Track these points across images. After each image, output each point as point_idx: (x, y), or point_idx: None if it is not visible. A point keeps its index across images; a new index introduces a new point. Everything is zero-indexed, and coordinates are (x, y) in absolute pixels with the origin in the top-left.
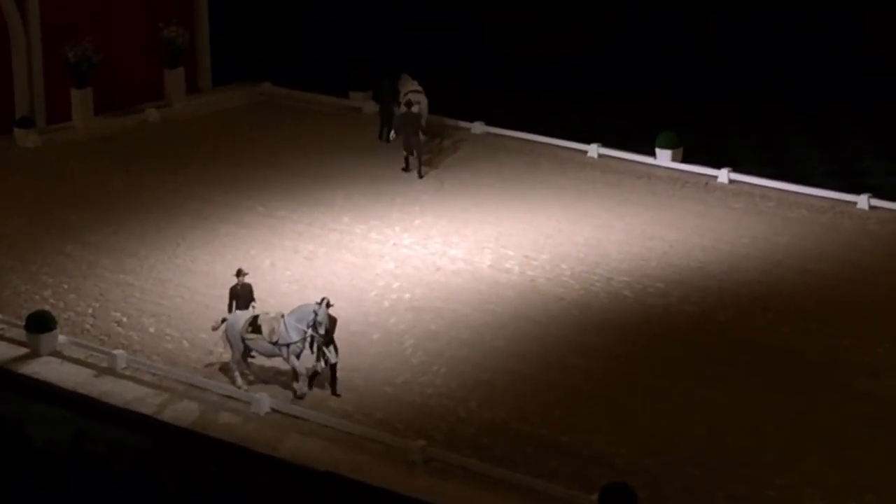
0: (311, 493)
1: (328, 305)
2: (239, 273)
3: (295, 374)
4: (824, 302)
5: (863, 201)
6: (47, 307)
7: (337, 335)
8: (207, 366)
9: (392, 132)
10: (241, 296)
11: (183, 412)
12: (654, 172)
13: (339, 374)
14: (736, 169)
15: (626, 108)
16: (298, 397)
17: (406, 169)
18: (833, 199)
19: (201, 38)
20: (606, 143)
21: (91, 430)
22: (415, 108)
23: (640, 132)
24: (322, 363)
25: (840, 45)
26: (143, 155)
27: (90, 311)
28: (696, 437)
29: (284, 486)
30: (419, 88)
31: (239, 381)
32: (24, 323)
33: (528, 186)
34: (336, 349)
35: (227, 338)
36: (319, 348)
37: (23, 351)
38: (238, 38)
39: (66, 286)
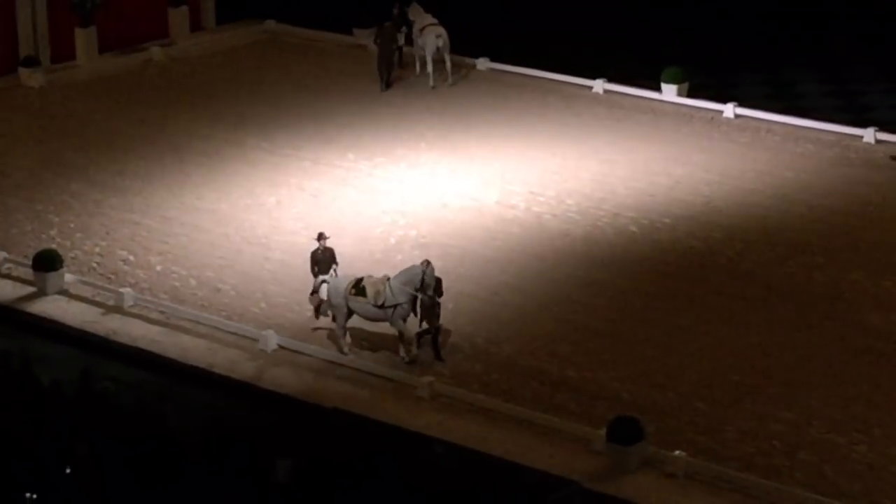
0: (319, 429)
1: (430, 266)
2: (320, 237)
3: (401, 338)
4: (830, 236)
5: (869, 135)
6: (54, 246)
7: (341, 271)
8: (314, 329)
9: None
10: (323, 260)
11: (190, 350)
12: (659, 108)
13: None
14: (741, 104)
15: (631, 43)
16: (408, 362)
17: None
18: (839, 132)
19: None
20: (612, 79)
21: (98, 368)
22: (440, 42)
23: (645, 68)
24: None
25: None
26: (148, 94)
27: (97, 249)
28: (702, 372)
29: (291, 423)
30: (436, 21)
31: (345, 345)
32: (30, 262)
33: (533, 123)
34: (440, 312)
35: (331, 301)
36: (425, 310)
37: (30, 290)
38: None
39: (72, 225)
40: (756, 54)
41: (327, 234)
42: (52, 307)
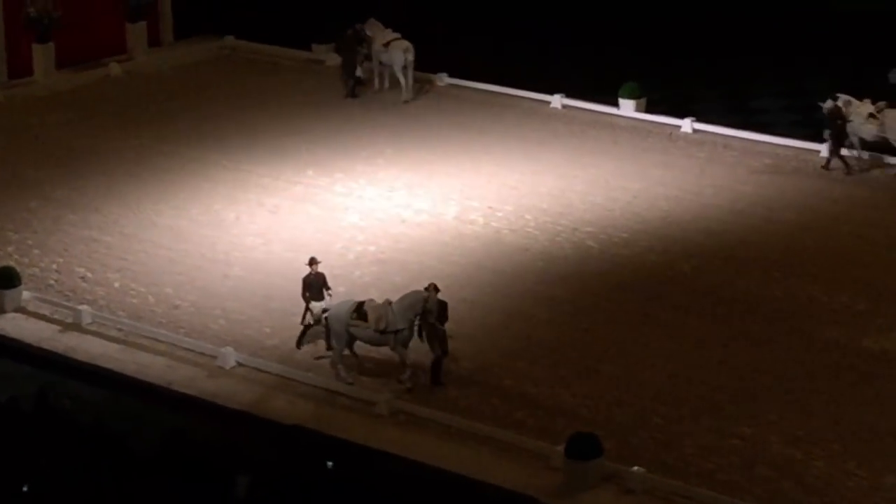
0: (278, 446)
1: (436, 290)
2: (312, 262)
3: (403, 364)
4: (788, 251)
5: (825, 150)
6: (12, 263)
7: (300, 289)
8: (317, 358)
9: (354, 86)
10: (315, 284)
11: (148, 367)
12: (617, 123)
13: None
14: (699, 119)
15: (589, 58)
16: (407, 389)
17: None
18: (796, 147)
19: None
20: (570, 94)
21: (56, 386)
22: (409, 56)
23: (603, 83)
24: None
25: None
26: (106, 110)
27: (55, 266)
28: (661, 388)
29: (251, 440)
30: (399, 36)
31: (345, 373)
32: None
33: (491, 138)
34: (446, 337)
35: (331, 328)
36: (431, 337)
37: None
38: None
39: (30, 242)
40: (714, 69)
41: (319, 259)
42: (10, 325)
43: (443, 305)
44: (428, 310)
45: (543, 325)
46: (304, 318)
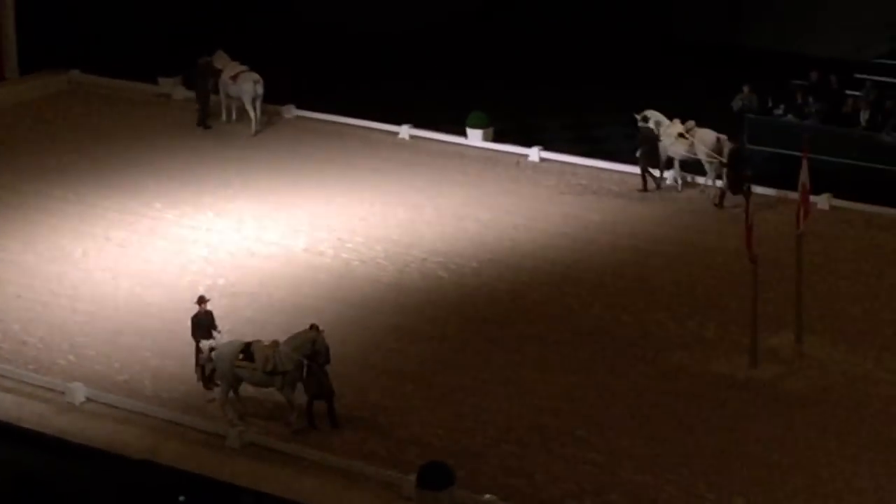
0: (129, 481)
1: (319, 331)
2: (201, 300)
3: (290, 406)
4: (635, 277)
5: (670, 177)
6: None
7: (151, 324)
8: (209, 401)
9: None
10: (203, 323)
11: None
12: (465, 152)
13: (157, 362)
14: (546, 147)
15: (436, 88)
16: (294, 431)
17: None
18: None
19: (6, 25)
20: (417, 125)
21: None
22: (259, 88)
23: (451, 113)
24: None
25: (646, 22)
26: None
27: None
28: (512, 416)
29: (101, 475)
30: (247, 68)
31: (231, 415)
32: None
33: (340, 169)
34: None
35: (216, 369)
36: (311, 378)
37: None
38: (45, 24)
39: None
40: (559, 98)
41: (207, 297)
42: None
43: (326, 348)
44: (317, 351)
45: (394, 355)
46: (196, 358)
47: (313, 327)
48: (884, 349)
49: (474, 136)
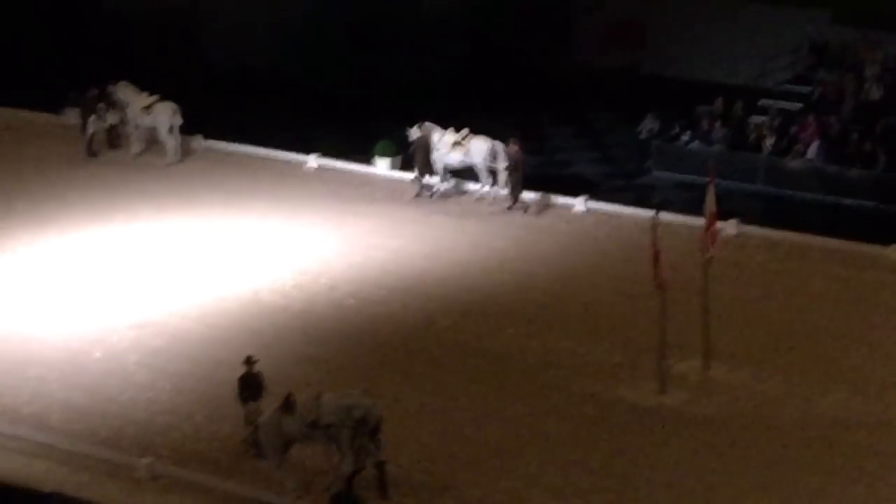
0: None
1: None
2: (248, 361)
3: (331, 466)
4: (544, 305)
5: (579, 203)
6: None
7: (56, 355)
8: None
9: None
10: (252, 384)
11: None
12: (373, 181)
13: (68, 393)
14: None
15: (344, 117)
16: (333, 495)
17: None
18: (553, 202)
19: None
20: (325, 154)
21: None
22: (177, 119)
23: (358, 141)
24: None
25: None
26: None
27: None
28: (421, 443)
29: None
30: (159, 98)
31: (291, 481)
32: None
33: (248, 200)
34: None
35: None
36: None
37: None
38: None
39: None
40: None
41: (256, 358)
42: None
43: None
44: (365, 419)
45: (302, 383)
46: (246, 420)
47: (367, 392)
48: (790, 373)
49: (382, 165)
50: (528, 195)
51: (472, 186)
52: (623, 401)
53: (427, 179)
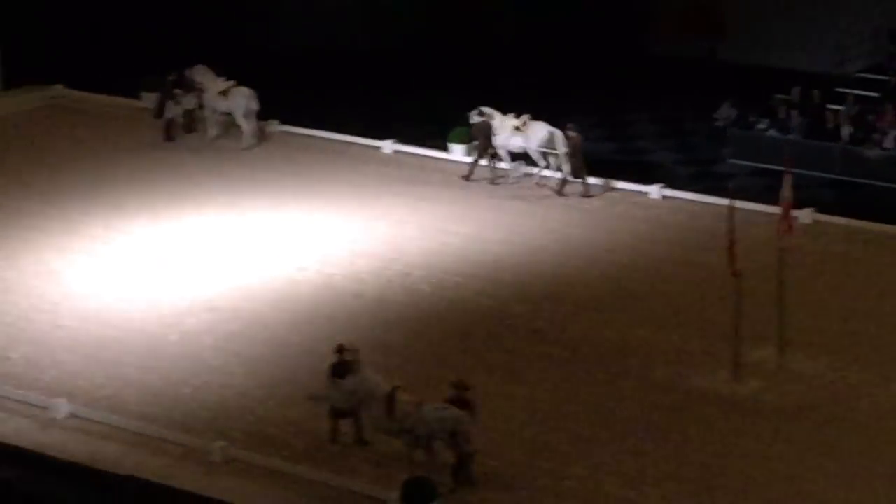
0: (112, 497)
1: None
2: (340, 349)
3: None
4: (619, 292)
5: (655, 191)
6: None
7: (134, 339)
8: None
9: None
10: (340, 372)
11: None
12: (447, 167)
13: (143, 376)
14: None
15: (419, 103)
16: (451, 490)
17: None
18: (625, 189)
19: None
20: (401, 140)
21: None
22: (254, 104)
23: (434, 127)
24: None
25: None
26: None
27: None
28: (494, 430)
29: (85, 491)
30: (235, 83)
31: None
32: None
33: (323, 184)
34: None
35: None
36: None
37: None
38: (30, 39)
39: None
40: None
41: (347, 346)
42: None
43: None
44: (458, 431)
45: (377, 371)
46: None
47: (469, 407)
48: (866, 363)
49: (457, 151)
50: (594, 181)
51: (532, 170)
52: (698, 389)
53: (484, 163)
